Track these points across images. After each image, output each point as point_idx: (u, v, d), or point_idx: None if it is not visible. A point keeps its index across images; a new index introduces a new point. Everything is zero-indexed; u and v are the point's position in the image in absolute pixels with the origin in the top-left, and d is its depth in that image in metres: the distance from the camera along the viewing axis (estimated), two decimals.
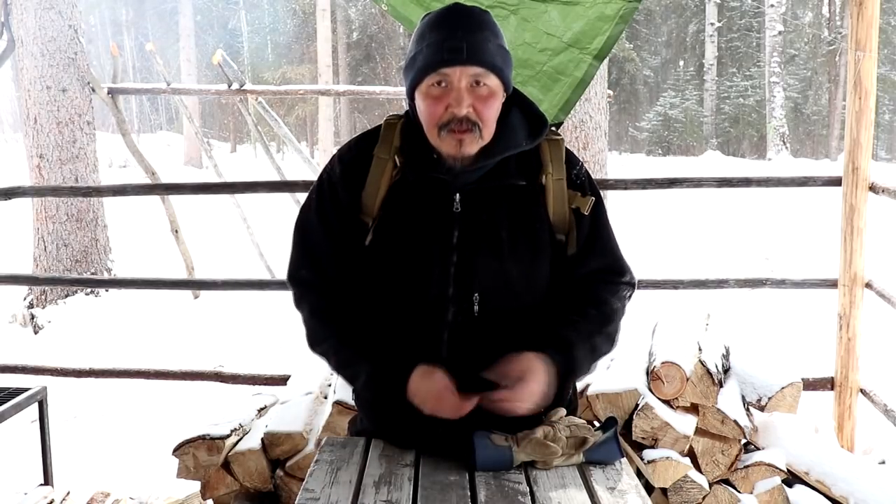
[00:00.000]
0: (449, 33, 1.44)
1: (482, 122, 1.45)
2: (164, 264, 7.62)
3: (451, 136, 1.45)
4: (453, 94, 1.44)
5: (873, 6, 2.91)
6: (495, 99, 1.47)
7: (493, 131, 1.49)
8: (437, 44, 1.44)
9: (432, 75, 1.45)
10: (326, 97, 15.52)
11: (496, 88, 1.47)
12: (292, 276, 1.61)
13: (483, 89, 1.45)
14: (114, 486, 2.30)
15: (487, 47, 1.44)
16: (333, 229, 1.56)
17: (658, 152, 22.64)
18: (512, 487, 1.38)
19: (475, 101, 1.44)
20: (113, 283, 5.24)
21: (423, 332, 1.52)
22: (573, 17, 2.48)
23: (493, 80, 1.46)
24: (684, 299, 4.77)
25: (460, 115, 1.43)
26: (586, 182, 1.57)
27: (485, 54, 1.44)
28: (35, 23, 6.18)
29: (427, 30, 1.48)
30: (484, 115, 1.45)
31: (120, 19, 28.56)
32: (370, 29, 23.81)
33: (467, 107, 1.43)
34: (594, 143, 5.31)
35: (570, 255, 1.54)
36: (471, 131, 1.44)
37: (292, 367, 3.35)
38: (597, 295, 1.55)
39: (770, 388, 2.73)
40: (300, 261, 1.60)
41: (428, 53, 1.45)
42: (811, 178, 3.25)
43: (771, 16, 18.61)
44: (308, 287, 1.58)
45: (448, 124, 1.44)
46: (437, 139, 1.47)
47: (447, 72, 1.43)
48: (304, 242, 1.60)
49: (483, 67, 1.44)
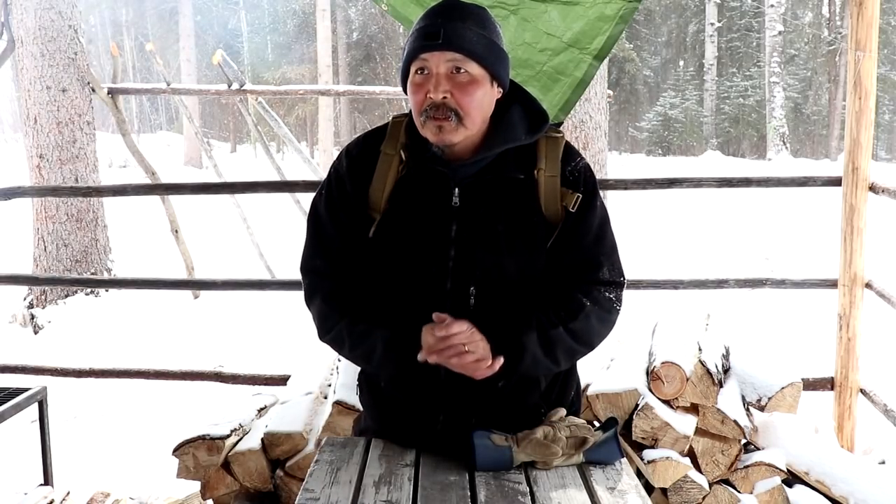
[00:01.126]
0: (430, 21, 1.47)
1: (461, 109, 1.46)
2: (164, 264, 7.62)
3: (431, 123, 1.46)
4: (432, 79, 1.45)
5: (873, 6, 2.91)
6: (476, 87, 1.46)
7: (477, 122, 1.49)
8: (418, 31, 1.47)
9: (415, 62, 1.47)
10: (326, 97, 15.51)
11: (479, 77, 1.47)
12: (305, 266, 1.62)
13: (463, 76, 1.46)
14: (114, 486, 2.30)
15: (466, 34, 1.45)
16: (342, 221, 1.57)
17: (658, 152, 22.64)
18: (512, 487, 1.38)
19: (453, 88, 1.45)
20: (113, 283, 5.24)
21: (421, 326, 1.52)
22: (573, 17, 2.48)
23: (473, 67, 1.46)
24: (684, 299, 4.77)
25: (437, 100, 1.45)
26: (581, 178, 1.57)
27: (463, 41, 1.44)
28: (35, 23, 6.18)
29: (415, 24, 1.51)
30: (462, 102, 1.45)
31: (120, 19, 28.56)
32: (370, 29, 23.82)
33: (444, 92, 1.45)
34: (594, 143, 5.31)
35: (548, 248, 1.54)
36: (448, 119, 1.45)
37: (292, 367, 3.35)
38: (564, 294, 1.54)
39: (770, 388, 2.73)
40: (313, 251, 1.61)
41: (410, 41, 1.49)
42: (811, 178, 3.25)
43: (771, 16, 18.62)
44: (321, 276, 1.59)
45: (427, 110, 1.46)
46: (422, 128, 1.49)
47: (426, 57, 1.46)
48: (316, 235, 1.61)
49: (460, 53, 1.44)
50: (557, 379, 1.64)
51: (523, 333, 1.47)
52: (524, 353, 1.47)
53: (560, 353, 1.51)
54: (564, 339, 1.50)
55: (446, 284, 1.51)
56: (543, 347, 1.49)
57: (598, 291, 1.55)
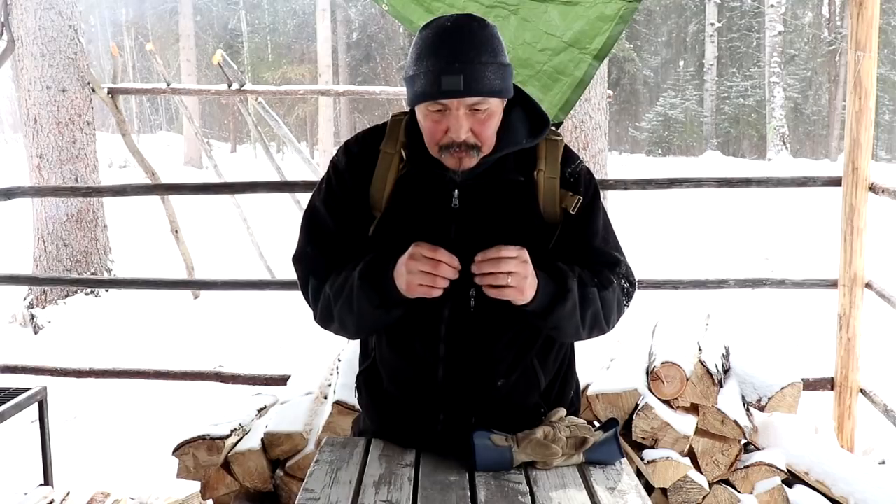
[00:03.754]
0: (446, 63, 1.40)
1: (482, 143, 1.47)
2: (164, 264, 7.62)
3: (451, 156, 1.47)
4: (452, 120, 1.44)
5: (873, 6, 2.91)
6: (494, 117, 1.47)
7: (493, 144, 1.50)
8: (435, 73, 1.41)
9: (430, 102, 1.44)
10: (326, 97, 15.53)
11: (496, 107, 1.47)
12: (297, 255, 1.61)
13: (482, 113, 1.45)
14: (114, 486, 2.30)
15: (485, 74, 1.42)
16: (340, 215, 1.57)
17: (658, 152, 22.65)
18: (512, 487, 1.38)
19: (474, 125, 1.45)
20: (113, 283, 5.24)
21: (420, 328, 1.53)
22: (573, 17, 2.48)
23: (492, 101, 1.46)
24: (684, 299, 4.78)
25: (459, 140, 1.44)
26: (581, 180, 1.57)
27: (483, 83, 1.41)
28: (35, 23, 6.17)
29: (425, 51, 1.44)
30: (483, 135, 1.46)
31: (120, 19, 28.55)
32: (370, 29, 23.83)
33: (466, 132, 1.44)
34: (594, 143, 5.32)
35: (549, 250, 1.53)
36: (469, 153, 1.46)
37: (292, 367, 3.35)
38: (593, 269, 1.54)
39: (770, 388, 2.73)
40: (306, 240, 1.61)
41: (426, 82, 1.42)
42: (811, 179, 3.25)
43: (771, 16, 18.62)
44: (312, 261, 1.58)
45: (448, 147, 1.46)
46: (437, 154, 1.49)
47: (445, 102, 1.43)
48: (311, 226, 1.61)
49: (482, 96, 1.43)
50: (557, 379, 1.64)
51: (569, 278, 1.47)
52: (566, 299, 1.45)
53: (588, 314, 1.50)
54: (596, 302, 1.50)
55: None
56: (581, 301, 1.48)
57: (619, 279, 1.57)
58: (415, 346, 1.54)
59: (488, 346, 1.52)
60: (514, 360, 1.55)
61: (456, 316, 1.50)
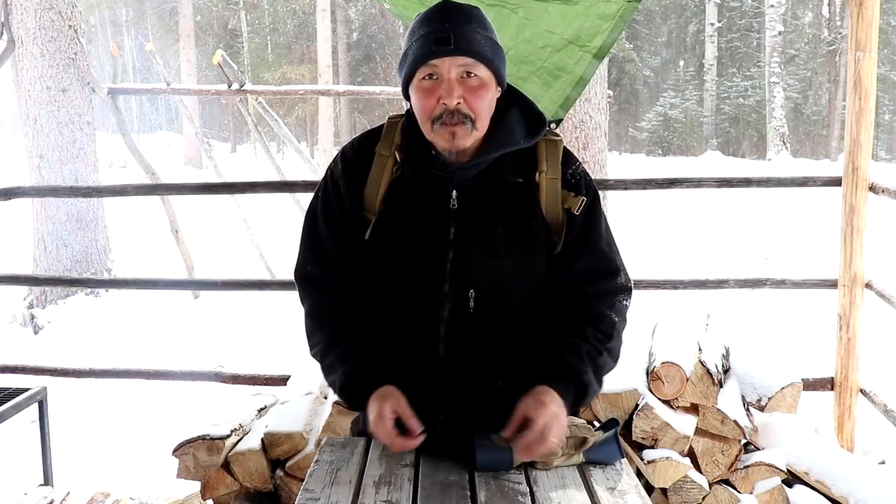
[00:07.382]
0: (437, 25, 1.46)
1: (474, 114, 1.46)
2: (164, 264, 7.63)
3: (444, 129, 1.46)
4: (444, 85, 1.45)
5: (873, 6, 2.91)
6: (486, 90, 1.47)
7: (486, 124, 1.50)
8: (426, 36, 1.46)
9: (423, 68, 1.46)
10: (326, 97, 15.53)
11: (487, 80, 1.47)
12: (298, 272, 1.61)
13: (474, 80, 1.46)
14: (114, 486, 2.30)
15: (475, 37, 1.46)
16: (338, 225, 1.56)
17: (658, 152, 22.64)
18: (512, 488, 1.38)
19: (466, 93, 1.45)
20: (113, 283, 5.23)
21: (420, 330, 1.52)
22: (573, 16, 2.48)
23: (483, 70, 1.46)
24: (684, 299, 4.78)
25: (451, 106, 1.44)
26: (582, 182, 1.56)
27: (473, 44, 1.45)
28: (35, 23, 6.18)
29: (417, 25, 1.50)
30: (475, 106, 1.46)
31: (120, 19, 28.57)
32: (370, 29, 23.83)
33: (458, 97, 1.44)
34: (594, 143, 5.31)
35: (557, 254, 1.53)
36: (463, 124, 1.45)
37: (292, 367, 3.34)
38: (593, 310, 1.52)
39: (770, 388, 2.73)
40: (307, 257, 1.60)
41: (417, 46, 1.47)
42: (811, 179, 3.24)
43: (771, 16, 18.63)
44: (314, 284, 1.58)
45: (441, 117, 1.46)
46: (431, 133, 1.49)
47: (436, 63, 1.45)
48: (311, 239, 1.60)
49: (472, 57, 1.45)
50: None
51: (583, 373, 1.46)
52: (587, 394, 1.48)
53: (603, 376, 1.52)
54: (608, 362, 1.52)
55: (444, 287, 1.50)
56: (596, 377, 1.49)
57: (619, 301, 1.55)
58: (414, 347, 1.54)
59: (488, 346, 1.52)
60: (514, 361, 1.54)
61: (455, 316, 1.50)
